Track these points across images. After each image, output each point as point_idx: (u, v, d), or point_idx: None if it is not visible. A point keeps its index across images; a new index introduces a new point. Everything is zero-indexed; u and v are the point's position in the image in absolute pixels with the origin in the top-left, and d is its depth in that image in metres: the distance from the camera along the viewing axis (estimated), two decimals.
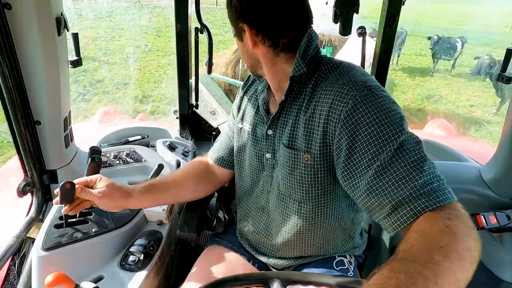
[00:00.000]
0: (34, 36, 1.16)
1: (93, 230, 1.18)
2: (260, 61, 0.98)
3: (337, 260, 1.15)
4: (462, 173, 1.47)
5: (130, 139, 1.93)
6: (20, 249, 1.38)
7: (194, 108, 2.29)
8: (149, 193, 1.13)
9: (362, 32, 1.74)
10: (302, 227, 1.06)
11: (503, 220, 1.26)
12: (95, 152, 1.29)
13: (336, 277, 0.80)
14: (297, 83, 0.95)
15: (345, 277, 0.81)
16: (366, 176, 0.80)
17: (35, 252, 1.09)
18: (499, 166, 1.36)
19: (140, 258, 1.15)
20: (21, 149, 1.32)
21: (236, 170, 1.23)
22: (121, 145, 1.85)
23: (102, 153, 1.36)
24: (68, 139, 1.50)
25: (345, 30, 1.42)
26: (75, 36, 1.40)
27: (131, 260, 1.15)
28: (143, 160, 1.65)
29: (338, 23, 1.41)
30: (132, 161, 1.63)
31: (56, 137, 1.41)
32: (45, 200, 1.47)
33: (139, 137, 1.97)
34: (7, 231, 1.33)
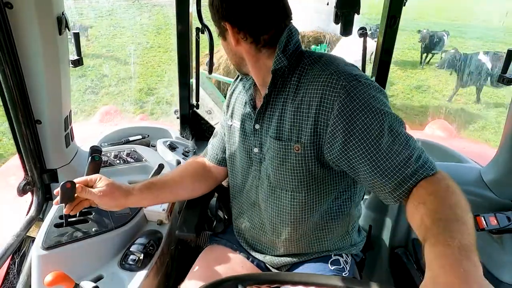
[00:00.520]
0: (35, 36, 1.16)
1: (93, 229, 1.18)
2: (244, 58, 1.02)
3: (332, 259, 1.16)
4: (463, 174, 1.47)
5: (131, 138, 1.93)
6: (20, 248, 1.38)
7: (195, 108, 2.29)
8: (149, 191, 1.13)
9: (363, 33, 1.74)
10: (296, 218, 1.07)
11: (503, 222, 1.26)
12: (95, 151, 1.29)
13: (336, 278, 0.80)
14: (280, 77, 0.98)
15: (339, 277, 0.80)
16: (365, 162, 0.86)
17: (35, 251, 1.09)
18: (499, 168, 1.36)
19: (140, 257, 1.15)
20: (21, 148, 1.32)
21: (228, 168, 1.25)
22: (121, 144, 1.85)
23: (103, 153, 1.37)
24: (69, 139, 1.50)
25: (346, 30, 1.42)
26: (76, 36, 1.40)
27: (131, 259, 1.15)
28: (143, 159, 1.65)
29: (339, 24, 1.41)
30: (133, 160, 1.63)
31: (57, 137, 1.42)
32: (45, 199, 1.47)
33: (140, 136, 1.97)
34: (7, 230, 1.33)
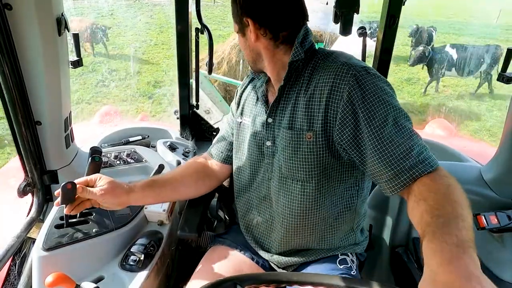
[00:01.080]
0: (35, 37, 1.16)
1: (94, 230, 1.18)
2: (261, 54, 1.07)
3: (340, 258, 1.17)
4: (463, 173, 1.47)
5: (131, 139, 1.93)
6: (20, 249, 1.38)
7: (195, 109, 2.29)
8: (151, 188, 1.14)
9: (362, 32, 1.74)
10: (306, 209, 1.08)
11: (503, 220, 1.26)
12: (95, 152, 1.29)
13: (343, 279, 0.80)
14: (294, 71, 1.03)
15: (349, 278, 0.80)
16: (369, 149, 0.90)
17: (36, 252, 1.09)
18: (499, 166, 1.36)
19: (141, 258, 1.15)
20: (21, 150, 1.32)
21: (234, 165, 1.26)
22: (121, 145, 1.85)
23: (103, 154, 1.37)
24: (69, 140, 1.50)
25: (346, 30, 1.42)
26: (76, 37, 1.40)
27: (132, 260, 1.15)
28: (143, 160, 1.65)
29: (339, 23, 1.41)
30: (133, 161, 1.64)
31: (57, 138, 1.42)
32: (46, 200, 1.47)
33: (140, 137, 1.98)
34: (7, 231, 1.33)
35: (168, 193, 1.20)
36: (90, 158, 1.27)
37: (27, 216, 1.42)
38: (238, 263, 1.22)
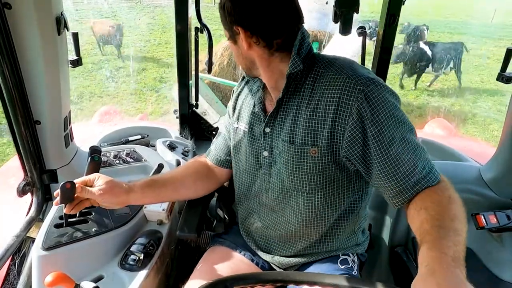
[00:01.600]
0: (34, 36, 1.16)
1: (93, 229, 1.18)
2: (255, 62, 1.01)
3: (341, 258, 1.17)
4: (462, 173, 1.47)
5: (130, 138, 1.93)
6: (20, 249, 1.38)
7: (194, 108, 2.29)
8: (150, 188, 1.13)
9: (362, 32, 1.74)
10: (311, 217, 1.08)
11: (503, 220, 1.26)
12: (95, 151, 1.29)
13: (344, 278, 0.80)
14: (293, 81, 0.98)
15: (352, 277, 0.81)
16: (376, 165, 0.90)
17: (35, 252, 1.09)
18: (499, 166, 1.36)
19: (140, 257, 1.15)
20: (21, 149, 1.32)
21: (234, 170, 1.24)
22: (121, 144, 1.85)
23: (102, 153, 1.36)
24: (68, 139, 1.50)
25: (345, 30, 1.42)
26: (75, 36, 1.40)
27: (131, 259, 1.15)
28: (143, 159, 1.65)
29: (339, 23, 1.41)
30: (132, 160, 1.63)
31: (56, 137, 1.41)
32: (45, 199, 1.47)
33: (139, 136, 1.97)
34: (7, 231, 1.33)
35: (168, 193, 1.19)
36: (89, 158, 1.27)
37: (26, 215, 1.42)
38: (237, 264, 1.22)
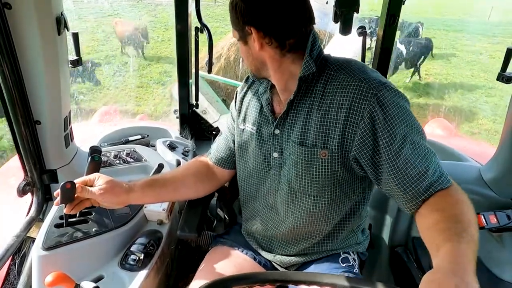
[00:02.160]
0: (34, 36, 1.16)
1: (93, 229, 1.18)
2: (266, 63, 1.00)
3: (342, 256, 1.17)
4: (462, 173, 1.47)
5: (130, 138, 1.93)
6: (20, 249, 1.38)
7: (194, 108, 2.29)
8: (150, 188, 1.13)
9: (362, 32, 1.74)
10: (316, 219, 1.08)
11: (503, 220, 1.26)
12: (95, 151, 1.29)
13: (343, 278, 0.80)
14: (304, 83, 0.98)
15: (350, 277, 0.81)
16: (386, 169, 0.90)
17: (36, 252, 1.09)
18: (499, 166, 1.36)
19: (140, 257, 1.15)
20: (21, 149, 1.32)
21: (239, 172, 1.23)
22: (121, 144, 1.85)
23: (102, 153, 1.36)
24: (68, 139, 1.50)
25: (345, 29, 1.42)
26: (75, 36, 1.40)
27: (132, 259, 1.15)
28: (143, 159, 1.65)
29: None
30: (132, 160, 1.63)
31: (56, 137, 1.41)
32: (45, 199, 1.47)
33: (139, 136, 1.97)
34: (7, 231, 1.33)
35: (168, 193, 1.19)
36: (89, 158, 1.27)
37: (26, 215, 1.42)
38: (240, 263, 1.22)
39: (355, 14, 1.39)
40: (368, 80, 0.90)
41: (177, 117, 2.29)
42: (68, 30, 1.28)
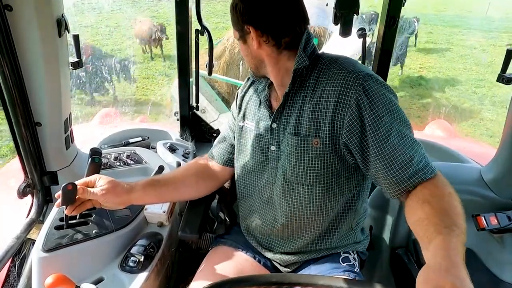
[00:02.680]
0: (35, 38, 1.16)
1: (94, 231, 1.18)
2: (264, 60, 1.06)
3: (342, 256, 1.18)
4: (463, 174, 1.47)
5: (131, 140, 1.93)
6: (20, 251, 1.38)
7: (195, 110, 2.29)
8: (152, 187, 1.14)
9: (362, 33, 1.74)
10: (312, 211, 1.10)
11: (503, 221, 1.26)
12: (95, 153, 1.29)
13: (341, 280, 0.80)
14: (298, 77, 1.03)
15: (349, 279, 0.81)
16: (373, 156, 0.94)
17: (36, 254, 1.09)
18: (499, 167, 1.36)
19: (141, 259, 1.15)
20: (21, 151, 1.32)
21: (237, 169, 1.25)
22: (121, 146, 1.85)
23: (103, 155, 1.36)
24: (69, 141, 1.50)
25: (345, 31, 1.42)
26: (76, 38, 1.40)
27: (132, 261, 1.15)
28: (143, 161, 1.65)
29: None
30: (133, 162, 1.63)
31: (57, 139, 1.41)
32: (46, 201, 1.47)
33: (140, 138, 1.97)
34: (7, 232, 1.33)
35: (169, 193, 1.20)
36: (90, 159, 1.27)
37: (26, 217, 1.42)
38: (241, 263, 1.22)
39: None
40: (355, 72, 0.96)
41: (177, 119, 2.29)
42: (68, 32, 1.29)
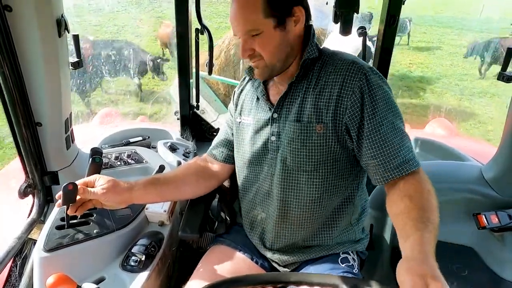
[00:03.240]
0: (35, 38, 1.16)
1: (95, 231, 1.18)
2: (294, 48, 1.07)
3: (341, 257, 1.17)
4: (464, 173, 1.47)
5: (131, 140, 1.93)
6: (21, 251, 1.38)
7: (195, 109, 2.29)
8: (152, 186, 1.14)
9: (362, 32, 1.74)
10: (311, 199, 1.11)
11: (504, 220, 1.26)
12: (96, 153, 1.29)
13: (338, 278, 0.80)
14: (304, 67, 1.07)
15: (348, 277, 0.81)
16: (366, 142, 1.00)
17: (37, 253, 1.09)
18: (500, 166, 1.36)
19: (142, 259, 1.15)
20: (22, 151, 1.32)
21: (237, 164, 1.26)
22: (122, 146, 1.85)
23: (103, 155, 1.37)
24: (69, 141, 1.50)
25: (345, 30, 1.42)
26: (76, 38, 1.40)
27: (133, 261, 1.15)
28: (144, 161, 1.65)
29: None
30: (133, 162, 1.64)
31: (57, 139, 1.42)
32: (47, 201, 1.48)
33: (140, 138, 1.97)
34: (8, 232, 1.34)
35: (170, 191, 1.20)
36: (90, 159, 1.27)
37: (28, 217, 1.42)
38: (237, 263, 1.22)
39: None
40: (358, 63, 1.02)
41: (178, 119, 2.29)
42: (68, 32, 1.29)
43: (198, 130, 2.36)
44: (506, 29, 11.03)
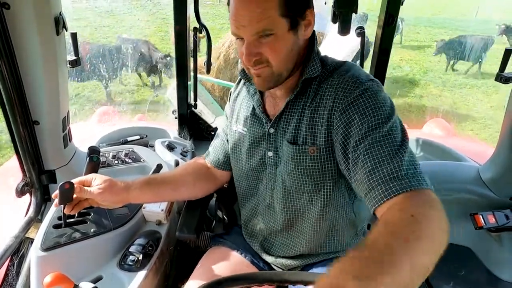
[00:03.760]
0: (33, 36, 1.16)
1: (92, 230, 1.18)
2: (301, 54, 0.97)
3: None
4: (461, 173, 1.48)
5: (129, 139, 1.93)
6: (18, 250, 1.38)
7: (193, 108, 2.29)
8: (149, 186, 1.13)
9: (361, 32, 1.74)
10: (314, 217, 1.07)
11: (501, 220, 1.26)
12: (93, 152, 1.29)
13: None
14: (302, 83, 0.98)
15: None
16: (354, 156, 0.86)
17: (34, 252, 1.09)
18: (497, 166, 1.36)
19: (139, 258, 1.15)
20: (19, 149, 1.32)
21: (235, 172, 1.23)
22: (119, 145, 1.85)
23: (101, 153, 1.36)
24: (67, 139, 1.49)
25: (344, 30, 1.42)
26: (74, 36, 1.39)
27: (130, 260, 1.15)
28: (142, 160, 1.65)
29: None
30: (131, 161, 1.63)
31: (55, 137, 1.41)
32: (44, 200, 1.47)
33: (138, 137, 1.97)
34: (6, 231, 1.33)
35: (167, 192, 1.19)
36: (88, 158, 1.27)
37: (25, 216, 1.42)
38: (237, 265, 1.21)
39: None
40: (354, 76, 0.91)
41: (175, 118, 2.29)
42: (66, 30, 1.28)
43: (196, 129, 2.35)
44: (491, 29, 11.27)
